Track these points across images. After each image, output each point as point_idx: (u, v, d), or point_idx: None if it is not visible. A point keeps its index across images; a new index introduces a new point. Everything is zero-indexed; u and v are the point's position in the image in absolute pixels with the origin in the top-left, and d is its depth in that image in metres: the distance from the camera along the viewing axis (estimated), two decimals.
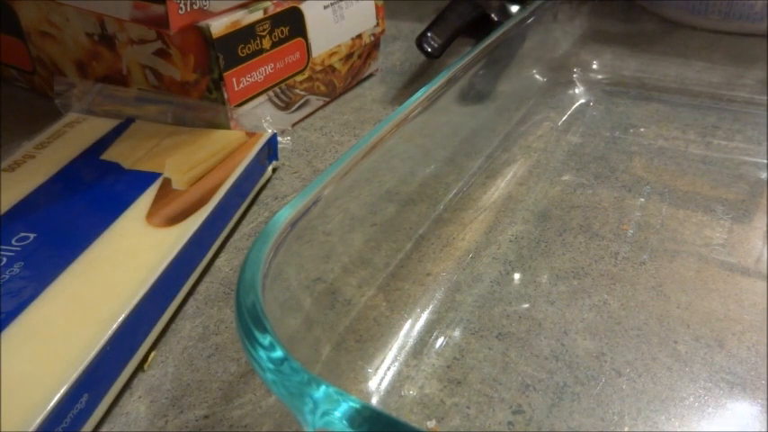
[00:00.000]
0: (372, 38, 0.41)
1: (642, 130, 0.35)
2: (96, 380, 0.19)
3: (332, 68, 0.39)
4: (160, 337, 0.23)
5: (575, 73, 0.41)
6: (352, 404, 0.13)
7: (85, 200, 0.27)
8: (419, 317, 0.23)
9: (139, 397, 0.21)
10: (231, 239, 0.28)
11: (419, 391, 0.20)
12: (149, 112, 0.33)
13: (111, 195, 0.27)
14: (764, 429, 0.19)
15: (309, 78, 0.37)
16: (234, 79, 0.32)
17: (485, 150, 0.33)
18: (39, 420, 0.17)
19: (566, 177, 0.31)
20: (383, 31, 0.42)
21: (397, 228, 0.27)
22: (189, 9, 0.30)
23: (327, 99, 0.40)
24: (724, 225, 0.27)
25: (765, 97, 0.37)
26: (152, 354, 0.22)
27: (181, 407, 0.20)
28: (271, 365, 0.14)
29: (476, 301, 0.24)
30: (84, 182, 0.28)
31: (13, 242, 0.24)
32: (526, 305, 0.24)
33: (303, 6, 0.35)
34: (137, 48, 0.33)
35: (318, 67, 0.38)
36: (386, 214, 0.26)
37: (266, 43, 0.33)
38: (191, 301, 0.25)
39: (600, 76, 0.41)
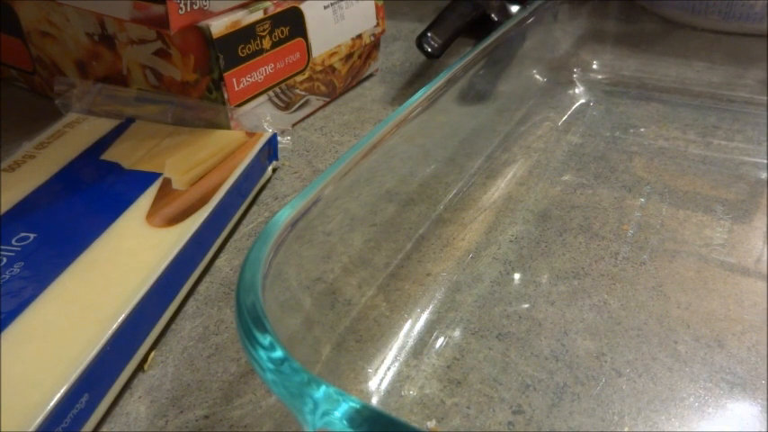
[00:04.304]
0: (372, 38, 0.41)
1: (642, 130, 0.35)
2: (96, 380, 0.19)
3: (332, 68, 0.39)
4: (160, 337, 0.23)
5: (575, 73, 0.41)
6: (352, 404, 0.13)
7: (85, 200, 0.27)
8: (419, 317, 0.23)
9: (139, 397, 0.21)
10: (231, 239, 0.28)
11: (419, 391, 0.20)
12: (149, 112, 0.33)
13: (111, 195, 0.27)
14: (764, 429, 0.19)
15: (309, 78, 0.37)
16: (234, 79, 0.32)
17: (485, 150, 0.33)
18: (39, 420, 0.17)
19: (566, 177, 0.31)
20: (383, 31, 0.42)
21: (397, 228, 0.27)
22: (189, 9, 0.30)
23: (327, 99, 0.40)
24: (724, 225, 0.27)
25: (765, 97, 0.37)
26: (152, 354, 0.22)
27: (181, 407, 0.20)
28: (271, 365, 0.14)
29: (476, 302, 0.24)
30: (84, 182, 0.28)
31: (13, 242, 0.24)
32: (526, 305, 0.24)
33: (303, 6, 0.35)
34: (137, 48, 0.33)
35: (318, 68, 0.38)
36: (386, 214, 0.26)
37: (266, 43, 0.33)
38: (191, 301, 0.25)
39: (600, 76, 0.41)
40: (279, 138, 0.33)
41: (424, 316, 0.23)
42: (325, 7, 0.37)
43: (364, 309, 0.23)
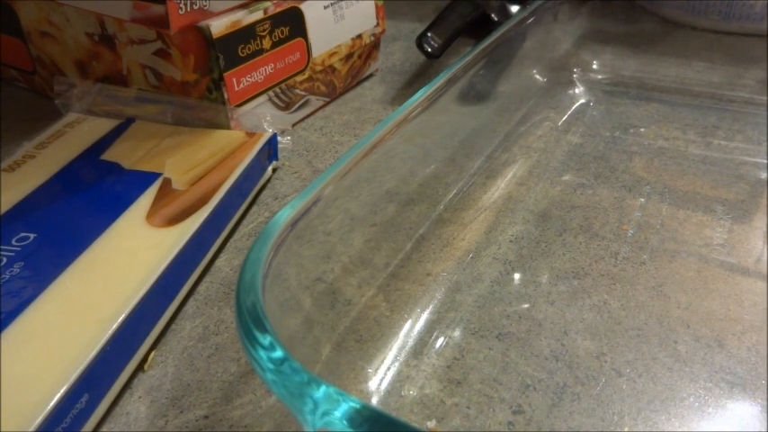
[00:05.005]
0: (372, 38, 0.41)
1: (642, 130, 0.35)
2: (96, 380, 0.19)
3: (332, 68, 0.39)
4: (160, 337, 0.23)
5: (575, 73, 0.41)
6: (352, 404, 0.13)
7: (85, 200, 0.27)
8: (419, 317, 0.23)
9: (139, 397, 0.21)
10: (231, 239, 0.28)
11: (419, 391, 0.20)
12: (149, 112, 0.33)
13: (111, 195, 0.27)
14: (764, 429, 0.19)
15: (309, 78, 0.37)
16: (234, 79, 0.32)
17: (485, 150, 0.33)
18: (39, 420, 0.17)
19: (566, 177, 0.31)
20: (383, 31, 0.42)
21: (397, 228, 0.27)
22: (189, 9, 0.30)
23: (327, 99, 0.40)
24: (724, 225, 0.27)
25: (765, 97, 0.37)
26: (152, 354, 0.22)
27: (181, 407, 0.20)
28: (271, 365, 0.14)
29: (476, 302, 0.24)
30: (84, 182, 0.28)
31: (13, 242, 0.24)
32: (526, 305, 0.24)
33: (303, 6, 0.35)
34: (137, 48, 0.33)
35: (318, 68, 0.38)
36: (386, 214, 0.26)
37: (266, 43, 0.33)
38: (191, 301, 0.25)
39: (600, 76, 0.41)
40: (279, 138, 0.33)
41: (424, 316, 0.23)
42: (326, 7, 0.37)
43: (364, 309, 0.23)
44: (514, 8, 0.47)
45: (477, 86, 0.32)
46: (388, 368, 0.21)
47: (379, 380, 0.21)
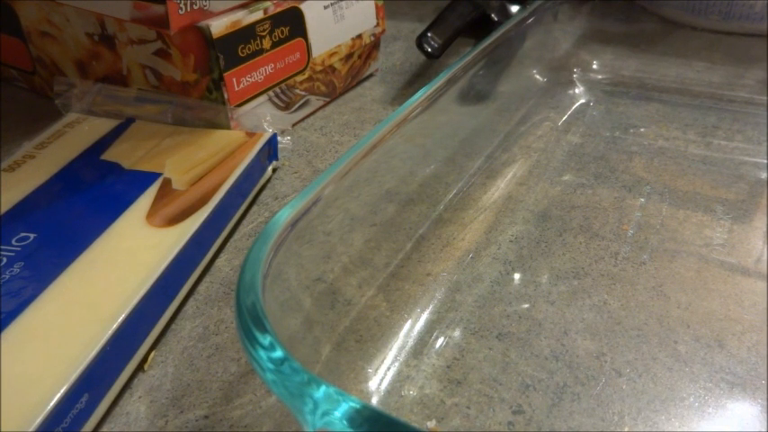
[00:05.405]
0: (372, 38, 0.41)
1: (642, 130, 0.35)
2: (96, 380, 0.19)
3: (332, 68, 0.39)
4: (160, 337, 0.23)
5: (575, 73, 0.41)
6: (352, 404, 0.13)
7: (85, 200, 0.27)
8: (419, 317, 0.23)
9: (139, 397, 0.21)
10: (231, 239, 0.28)
11: (419, 391, 0.20)
12: (149, 112, 0.33)
13: (111, 195, 0.27)
14: (764, 429, 0.19)
15: (309, 78, 0.37)
16: (234, 79, 0.32)
17: (485, 150, 0.33)
18: (39, 420, 0.17)
19: (566, 177, 0.31)
20: (383, 31, 0.42)
21: (397, 228, 0.27)
22: (189, 9, 0.30)
23: (327, 99, 0.40)
24: (724, 225, 0.27)
25: (765, 97, 0.37)
26: (152, 354, 0.22)
27: (181, 407, 0.20)
28: (271, 365, 0.14)
29: (476, 301, 0.24)
30: (84, 182, 0.28)
31: (13, 242, 0.24)
32: (526, 305, 0.24)
33: (303, 6, 0.35)
34: (137, 48, 0.33)
35: (318, 68, 0.38)
36: (386, 214, 0.26)
37: (266, 43, 0.33)
38: (191, 301, 0.25)
39: (600, 76, 0.41)
40: (279, 138, 0.33)
41: (424, 316, 0.23)
42: (326, 7, 0.37)
43: (364, 309, 0.23)
44: (514, 8, 0.47)
45: (477, 86, 0.32)
46: (388, 368, 0.21)
47: (379, 380, 0.21)
